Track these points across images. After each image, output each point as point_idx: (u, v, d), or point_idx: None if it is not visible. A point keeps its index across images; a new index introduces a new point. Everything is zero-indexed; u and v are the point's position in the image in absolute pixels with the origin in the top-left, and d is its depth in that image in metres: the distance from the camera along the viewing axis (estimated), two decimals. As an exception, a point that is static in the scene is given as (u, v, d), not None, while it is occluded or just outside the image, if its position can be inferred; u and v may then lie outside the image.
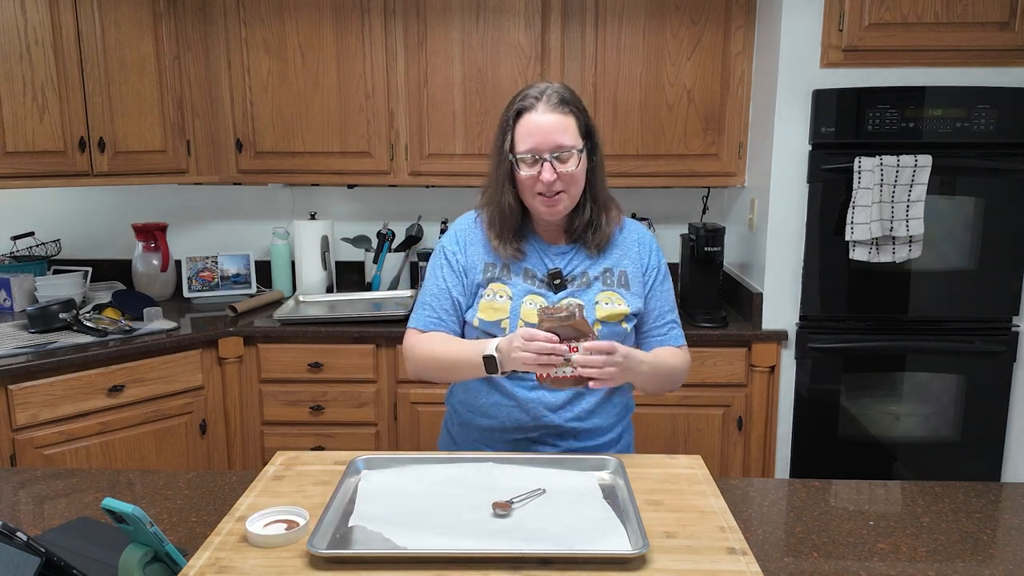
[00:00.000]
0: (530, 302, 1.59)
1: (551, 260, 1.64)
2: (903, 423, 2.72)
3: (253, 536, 1.20)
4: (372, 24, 2.88)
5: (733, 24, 2.83)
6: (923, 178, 2.48)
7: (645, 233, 1.73)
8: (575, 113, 1.55)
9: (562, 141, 1.52)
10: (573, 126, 1.54)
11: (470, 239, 1.68)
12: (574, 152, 1.53)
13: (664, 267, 1.70)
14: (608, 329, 1.58)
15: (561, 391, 1.57)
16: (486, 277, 1.63)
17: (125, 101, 2.78)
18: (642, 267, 1.66)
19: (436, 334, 1.64)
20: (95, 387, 2.47)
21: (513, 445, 1.62)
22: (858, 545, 1.29)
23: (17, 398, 2.33)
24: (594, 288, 1.61)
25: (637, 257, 1.66)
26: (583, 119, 1.57)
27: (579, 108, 1.57)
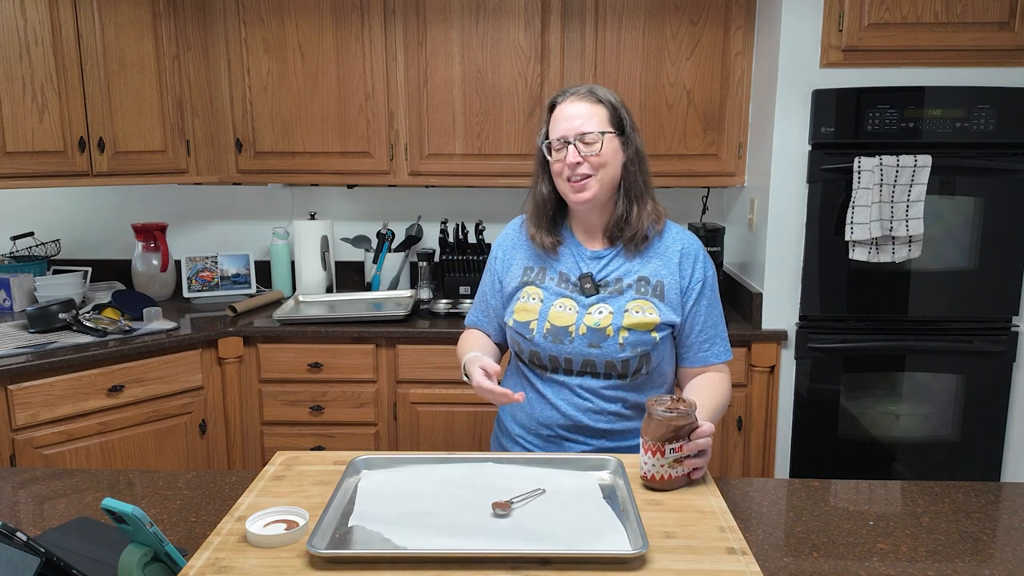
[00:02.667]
0: (560, 305, 1.62)
1: (586, 264, 1.65)
2: (903, 423, 2.72)
3: (253, 536, 1.20)
4: (372, 24, 2.88)
5: (733, 24, 2.83)
6: (923, 178, 2.48)
7: (691, 243, 1.65)
8: (606, 105, 1.58)
9: (587, 127, 1.56)
10: (602, 115, 1.57)
11: (513, 242, 1.76)
12: (599, 136, 1.55)
13: (711, 279, 1.64)
14: (634, 336, 1.58)
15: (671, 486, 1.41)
16: (523, 280, 1.69)
17: (125, 101, 2.78)
18: (683, 280, 1.62)
19: (471, 332, 1.80)
20: (95, 387, 2.47)
21: (546, 441, 1.67)
22: (858, 545, 1.29)
23: (17, 398, 2.33)
24: (626, 296, 1.60)
25: (678, 269, 1.62)
26: (617, 113, 1.59)
27: (614, 104, 1.59)
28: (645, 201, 1.63)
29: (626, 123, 1.60)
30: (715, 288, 1.66)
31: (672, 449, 1.38)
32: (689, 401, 1.41)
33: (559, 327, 1.60)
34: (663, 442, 1.37)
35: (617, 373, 1.61)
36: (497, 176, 2.97)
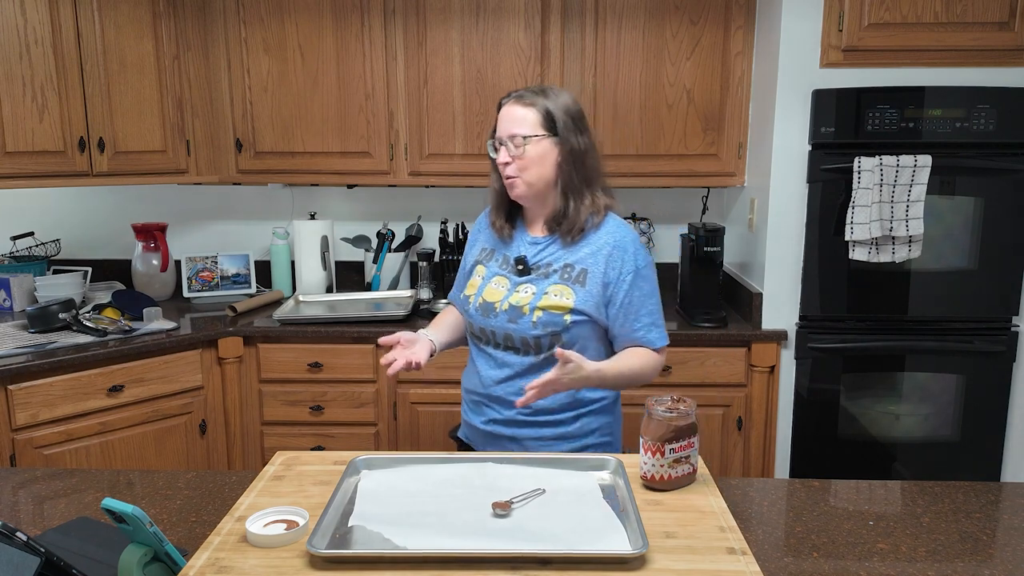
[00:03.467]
0: (495, 283, 1.77)
1: (525, 248, 1.77)
2: (903, 423, 2.72)
3: (253, 536, 1.20)
4: (372, 24, 2.88)
5: (733, 24, 2.83)
6: (923, 178, 2.48)
7: (623, 237, 1.71)
8: (540, 106, 1.67)
9: (516, 130, 1.67)
10: (532, 119, 1.67)
11: (480, 227, 1.91)
12: (525, 139, 1.66)
13: (643, 270, 1.71)
14: (547, 317, 1.67)
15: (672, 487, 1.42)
16: (477, 260, 1.86)
17: (125, 101, 2.78)
18: (611, 272, 1.69)
19: (447, 307, 2.00)
20: (95, 387, 2.47)
21: (474, 405, 1.83)
22: (858, 545, 1.29)
23: (17, 398, 2.33)
24: (551, 280, 1.71)
25: (606, 261, 1.69)
26: (550, 116, 1.67)
27: (549, 108, 1.67)
28: (583, 197, 1.71)
29: (559, 125, 1.67)
30: (648, 279, 1.72)
31: (672, 449, 1.38)
32: (689, 401, 1.42)
33: (488, 302, 1.75)
34: (663, 442, 1.37)
35: (532, 350, 1.71)
36: (497, 176, 2.97)
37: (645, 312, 1.70)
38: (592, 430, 1.76)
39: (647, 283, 1.71)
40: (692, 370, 2.71)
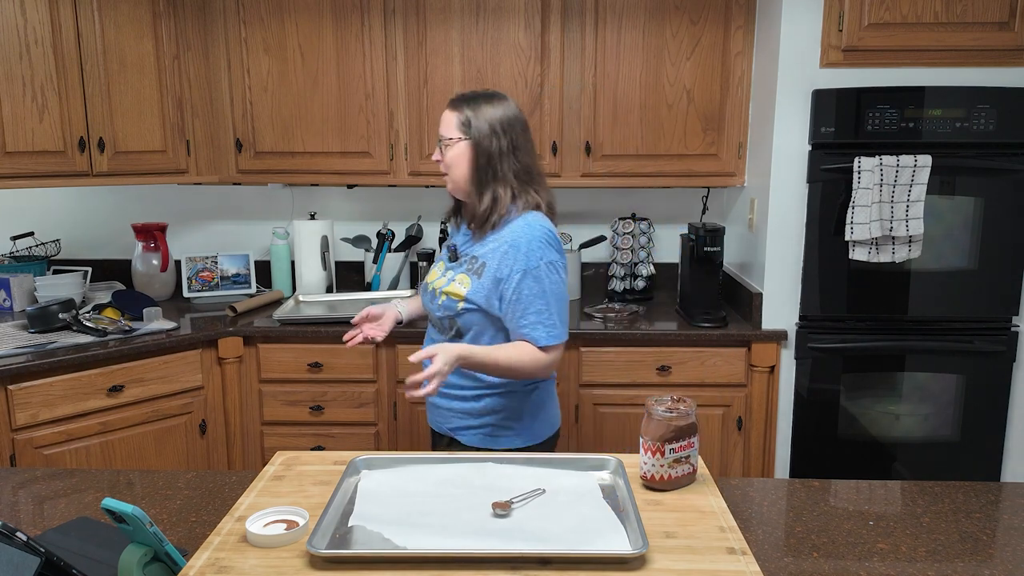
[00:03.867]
0: (438, 268, 1.95)
1: (460, 239, 1.95)
2: (903, 423, 2.72)
3: (253, 536, 1.20)
4: (372, 24, 2.88)
5: (733, 24, 2.83)
6: (923, 178, 2.48)
7: (520, 237, 1.78)
8: (462, 112, 1.80)
9: (442, 132, 1.84)
10: (453, 121, 1.81)
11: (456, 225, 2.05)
12: (445, 142, 1.83)
13: (534, 270, 1.76)
14: (447, 301, 1.84)
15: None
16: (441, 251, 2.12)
17: (125, 101, 2.78)
18: (504, 268, 1.78)
19: None
20: (95, 387, 2.47)
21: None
22: (858, 545, 1.29)
23: (17, 398, 2.33)
24: (461, 268, 1.87)
25: (500, 258, 1.79)
26: (467, 116, 1.79)
27: (469, 110, 1.80)
28: (490, 196, 1.80)
29: (473, 129, 1.79)
30: (540, 279, 1.76)
31: (672, 449, 1.38)
32: (689, 401, 1.42)
33: (426, 283, 1.95)
34: (663, 442, 1.37)
35: (443, 330, 1.89)
36: (497, 176, 2.97)
37: (533, 310, 1.76)
38: (494, 410, 1.86)
39: (538, 283, 1.76)
40: (692, 370, 2.71)
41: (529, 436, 1.89)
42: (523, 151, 1.83)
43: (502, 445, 1.87)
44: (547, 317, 1.77)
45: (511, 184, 1.81)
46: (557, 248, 1.81)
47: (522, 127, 1.84)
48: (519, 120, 1.83)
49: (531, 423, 1.90)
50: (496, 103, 1.81)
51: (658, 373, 2.72)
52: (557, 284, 1.79)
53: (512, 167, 1.81)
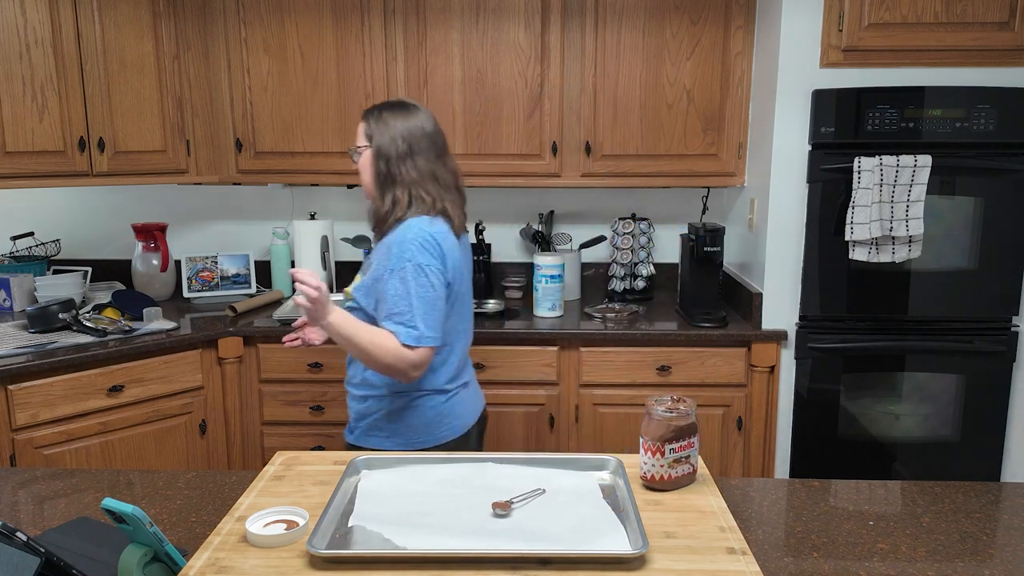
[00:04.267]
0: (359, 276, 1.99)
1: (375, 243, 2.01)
2: (903, 423, 2.72)
3: (253, 536, 1.20)
4: (372, 24, 2.88)
5: (733, 24, 2.83)
6: (923, 178, 2.48)
7: (399, 237, 1.82)
8: (367, 121, 1.91)
9: (356, 141, 1.95)
10: (361, 130, 1.93)
11: None
12: (355, 150, 1.94)
13: (399, 270, 1.79)
14: (344, 299, 1.96)
15: (668, 487, 1.43)
16: None
17: (125, 101, 2.78)
18: (380, 268, 1.84)
19: None
20: (95, 387, 2.47)
21: None
22: (858, 545, 1.29)
23: (17, 398, 2.33)
24: (363, 271, 1.95)
25: (381, 258, 1.85)
26: (371, 126, 1.90)
27: (374, 118, 1.90)
28: (391, 198, 1.88)
29: (375, 137, 1.89)
30: (406, 280, 1.78)
31: (672, 449, 1.38)
32: (689, 401, 1.42)
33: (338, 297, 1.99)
34: (663, 442, 1.37)
35: None
36: (497, 176, 2.97)
37: (396, 311, 1.79)
38: (370, 413, 1.92)
39: (403, 284, 1.79)
40: (692, 370, 2.71)
41: (402, 443, 1.91)
42: (424, 158, 1.89)
43: (372, 444, 1.93)
44: (408, 319, 1.78)
45: (408, 189, 1.87)
46: (433, 253, 1.81)
47: (427, 135, 1.90)
48: (422, 129, 1.90)
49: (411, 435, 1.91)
50: (400, 113, 1.90)
51: (658, 373, 2.72)
52: (425, 288, 1.79)
53: (409, 173, 1.87)
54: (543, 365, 2.73)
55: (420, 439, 1.92)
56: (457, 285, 1.89)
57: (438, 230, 1.84)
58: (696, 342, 2.70)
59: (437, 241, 1.82)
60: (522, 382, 2.75)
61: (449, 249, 1.85)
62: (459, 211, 1.94)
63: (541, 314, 2.85)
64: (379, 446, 1.92)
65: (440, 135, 1.94)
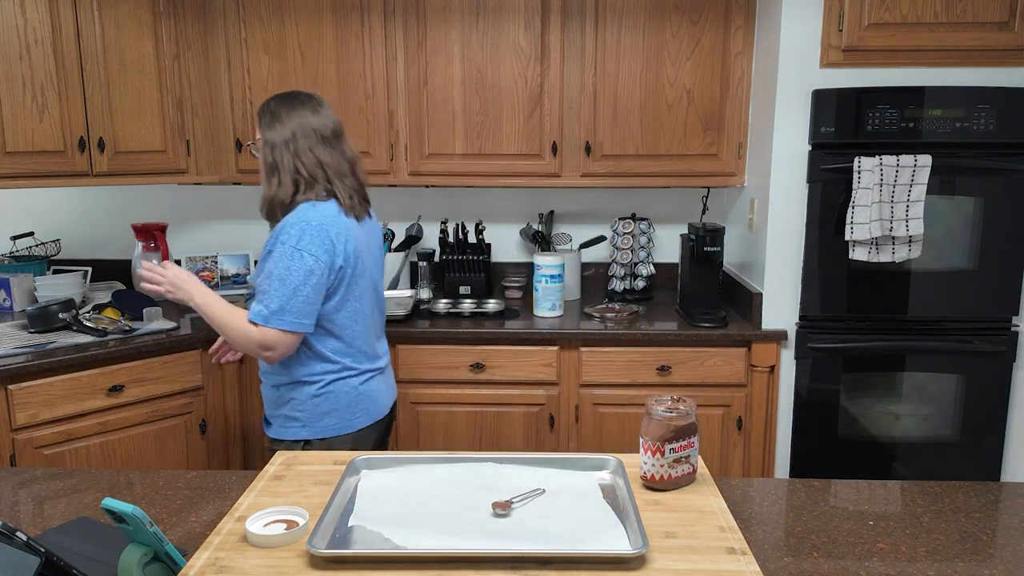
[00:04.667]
0: None
1: None
2: (903, 423, 2.72)
3: (253, 536, 1.20)
4: (372, 24, 2.88)
5: (733, 24, 2.83)
6: (923, 178, 2.48)
7: (286, 222, 1.86)
8: (260, 114, 1.96)
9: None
10: (258, 123, 1.97)
11: None
12: (252, 145, 2.00)
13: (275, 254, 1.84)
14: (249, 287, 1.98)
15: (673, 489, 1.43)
16: None
17: (125, 101, 2.78)
18: (263, 250, 1.89)
19: None
20: (95, 387, 2.47)
21: None
22: (858, 545, 1.29)
23: (17, 398, 2.33)
24: None
25: (268, 240, 1.89)
26: (263, 117, 1.95)
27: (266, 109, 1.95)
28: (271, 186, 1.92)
29: (265, 127, 1.93)
30: (274, 259, 1.84)
31: (672, 449, 1.38)
32: (689, 401, 1.42)
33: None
34: (663, 442, 1.37)
35: None
36: (497, 176, 2.97)
37: (261, 289, 1.85)
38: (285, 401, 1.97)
39: (272, 264, 1.84)
40: (692, 370, 2.71)
41: (320, 429, 1.97)
42: (309, 146, 1.91)
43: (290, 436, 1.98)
44: (263, 296, 1.83)
45: (292, 176, 1.90)
46: (313, 237, 1.83)
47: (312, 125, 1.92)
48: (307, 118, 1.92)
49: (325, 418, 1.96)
50: (286, 103, 1.94)
51: (658, 373, 2.72)
52: (291, 271, 1.81)
53: (293, 161, 1.90)
54: (543, 365, 2.73)
55: (335, 425, 1.96)
56: (352, 268, 1.91)
57: (323, 213, 1.86)
58: (696, 342, 2.70)
59: (320, 225, 1.84)
60: (522, 382, 2.75)
61: (339, 232, 1.87)
62: (354, 195, 1.96)
63: (541, 314, 2.86)
64: (296, 436, 1.97)
65: (329, 124, 1.95)
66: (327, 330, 1.92)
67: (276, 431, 2.01)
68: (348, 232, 1.90)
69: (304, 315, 1.84)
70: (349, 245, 1.89)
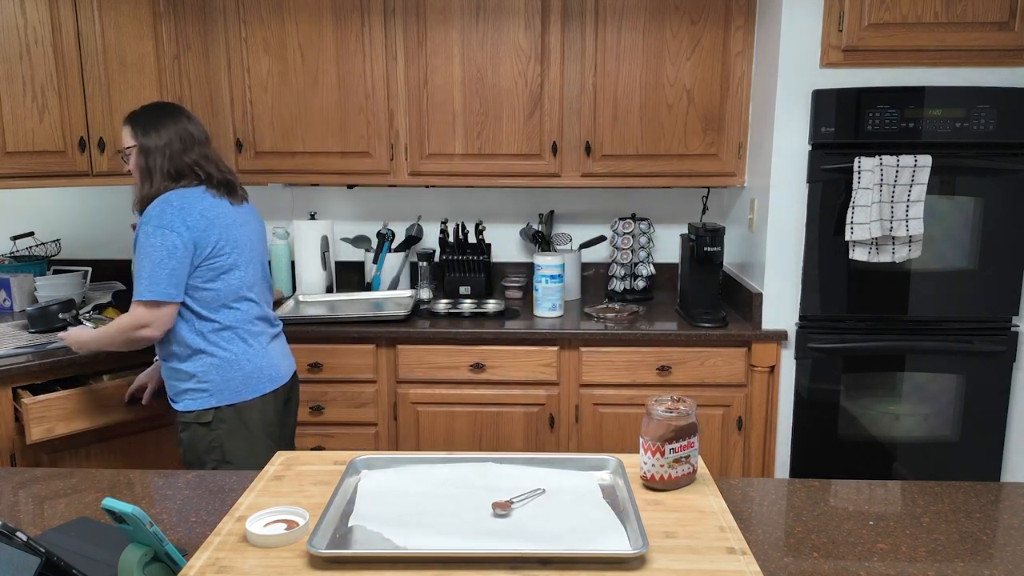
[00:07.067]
0: None
1: None
2: (903, 423, 2.72)
3: (253, 536, 1.20)
4: (372, 24, 2.88)
5: (733, 24, 2.83)
6: (923, 178, 2.48)
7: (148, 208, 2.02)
8: (130, 124, 2.12)
9: (119, 146, 2.18)
10: (127, 132, 2.12)
11: None
12: (125, 152, 2.13)
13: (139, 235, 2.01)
14: None
15: (672, 490, 1.44)
16: None
17: (125, 101, 2.78)
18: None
19: None
20: (95, 387, 2.46)
21: None
22: (858, 545, 1.29)
23: (32, 412, 2.32)
24: None
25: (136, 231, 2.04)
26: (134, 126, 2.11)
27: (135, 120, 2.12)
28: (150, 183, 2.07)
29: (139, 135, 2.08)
30: (143, 245, 2.00)
31: (672, 449, 1.38)
32: (689, 401, 1.42)
33: None
34: (663, 442, 1.37)
35: None
36: (497, 176, 2.97)
37: (135, 271, 2.02)
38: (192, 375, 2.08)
39: (141, 250, 2.00)
40: (692, 370, 2.71)
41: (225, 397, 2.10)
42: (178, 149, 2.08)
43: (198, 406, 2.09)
44: (141, 275, 1.99)
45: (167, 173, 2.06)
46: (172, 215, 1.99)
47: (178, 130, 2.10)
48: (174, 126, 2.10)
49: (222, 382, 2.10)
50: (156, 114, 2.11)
51: (658, 373, 2.72)
52: (153, 248, 1.98)
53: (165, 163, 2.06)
54: (543, 365, 2.73)
55: (241, 391, 2.11)
56: (218, 244, 2.05)
57: (185, 195, 2.04)
58: (696, 342, 2.70)
59: (180, 205, 2.01)
60: (522, 382, 2.75)
61: (202, 211, 2.03)
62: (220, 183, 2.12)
63: (541, 314, 2.86)
64: (205, 405, 2.08)
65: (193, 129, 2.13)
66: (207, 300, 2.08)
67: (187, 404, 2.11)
68: (211, 210, 2.05)
69: (172, 286, 2.00)
70: (215, 223, 2.05)
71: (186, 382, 2.09)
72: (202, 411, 2.08)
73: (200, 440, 2.09)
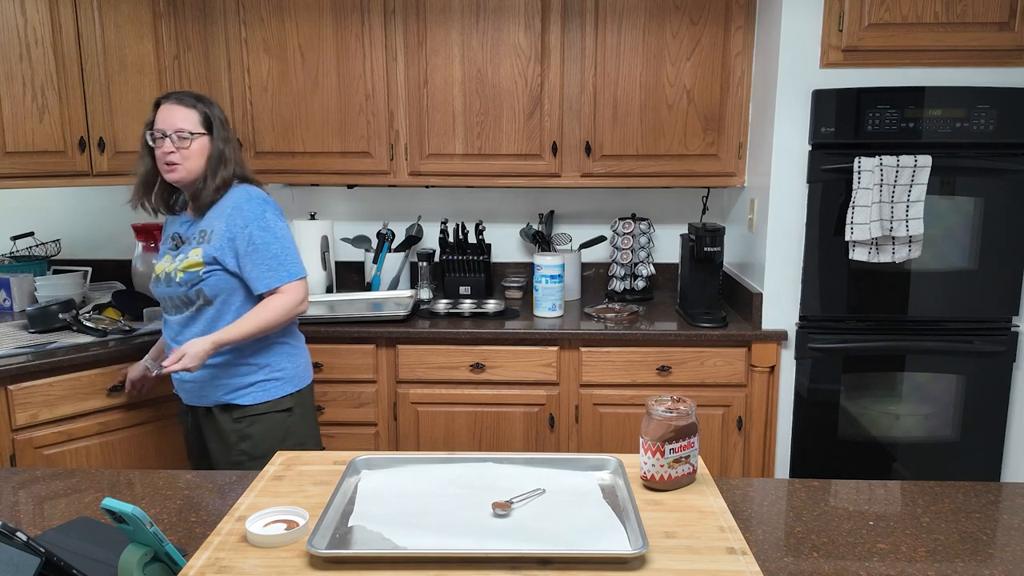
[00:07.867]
0: (164, 260, 2.13)
1: (180, 226, 2.15)
2: (903, 423, 2.72)
3: (253, 536, 1.21)
4: (372, 24, 2.88)
5: (733, 24, 2.83)
6: (923, 178, 2.48)
7: (239, 198, 2.06)
8: (200, 110, 2.06)
9: (181, 126, 2.03)
10: (193, 117, 2.05)
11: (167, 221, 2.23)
12: (186, 135, 2.03)
13: (257, 223, 2.03)
14: (187, 275, 2.04)
15: (668, 489, 1.44)
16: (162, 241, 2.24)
17: (125, 101, 2.78)
18: (233, 227, 2.04)
19: None
20: (95, 387, 2.46)
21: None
22: (858, 545, 1.29)
23: (17, 398, 2.33)
24: (190, 246, 2.08)
25: (228, 220, 2.04)
26: (208, 115, 2.07)
27: (207, 112, 2.07)
28: (223, 179, 2.07)
29: (214, 123, 2.07)
30: (266, 229, 2.05)
31: (672, 449, 1.38)
32: (689, 401, 1.42)
33: (156, 275, 2.13)
34: (663, 442, 1.37)
35: (183, 307, 2.09)
36: (497, 176, 2.97)
37: (271, 255, 2.04)
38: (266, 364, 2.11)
39: (267, 232, 2.04)
40: (692, 370, 2.71)
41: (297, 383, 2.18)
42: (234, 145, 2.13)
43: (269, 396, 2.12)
44: (277, 264, 2.04)
45: (233, 168, 2.10)
46: (273, 205, 2.10)
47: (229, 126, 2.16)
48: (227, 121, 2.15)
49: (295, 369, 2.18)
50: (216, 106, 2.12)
51: (658, 373, 2.72)
52: (276, 233, 2.06)
53: (230, 157, 2.09)
54: (543, 365, 2.74)
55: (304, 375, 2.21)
56: None
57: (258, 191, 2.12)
58: (696, 342, 2.70)
59: (267, 198, 2.11)
60: (522, 382, 2.75)
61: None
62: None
63: (541, 314, 2.86)
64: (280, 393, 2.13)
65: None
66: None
67: (256, 396, 2.12)
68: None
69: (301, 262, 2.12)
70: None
71: (255, 374, 2.11)
72: (278, 399, 2.13)
73: (276, 429, 2.14)
